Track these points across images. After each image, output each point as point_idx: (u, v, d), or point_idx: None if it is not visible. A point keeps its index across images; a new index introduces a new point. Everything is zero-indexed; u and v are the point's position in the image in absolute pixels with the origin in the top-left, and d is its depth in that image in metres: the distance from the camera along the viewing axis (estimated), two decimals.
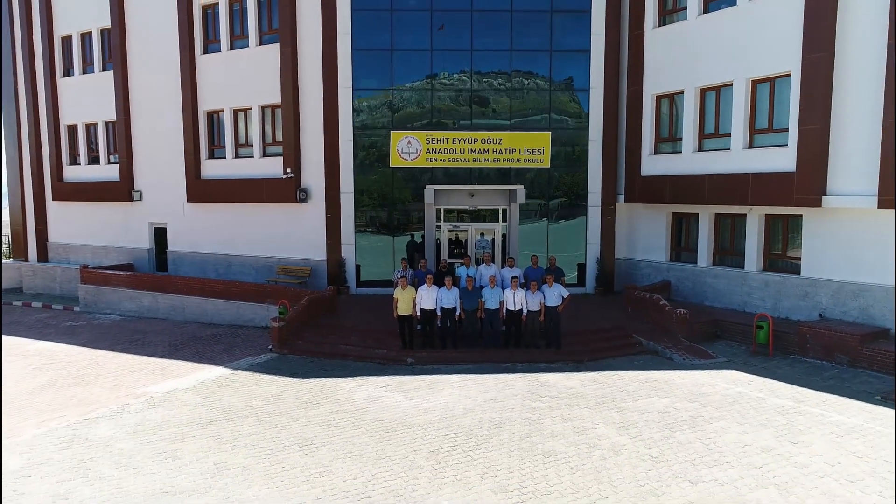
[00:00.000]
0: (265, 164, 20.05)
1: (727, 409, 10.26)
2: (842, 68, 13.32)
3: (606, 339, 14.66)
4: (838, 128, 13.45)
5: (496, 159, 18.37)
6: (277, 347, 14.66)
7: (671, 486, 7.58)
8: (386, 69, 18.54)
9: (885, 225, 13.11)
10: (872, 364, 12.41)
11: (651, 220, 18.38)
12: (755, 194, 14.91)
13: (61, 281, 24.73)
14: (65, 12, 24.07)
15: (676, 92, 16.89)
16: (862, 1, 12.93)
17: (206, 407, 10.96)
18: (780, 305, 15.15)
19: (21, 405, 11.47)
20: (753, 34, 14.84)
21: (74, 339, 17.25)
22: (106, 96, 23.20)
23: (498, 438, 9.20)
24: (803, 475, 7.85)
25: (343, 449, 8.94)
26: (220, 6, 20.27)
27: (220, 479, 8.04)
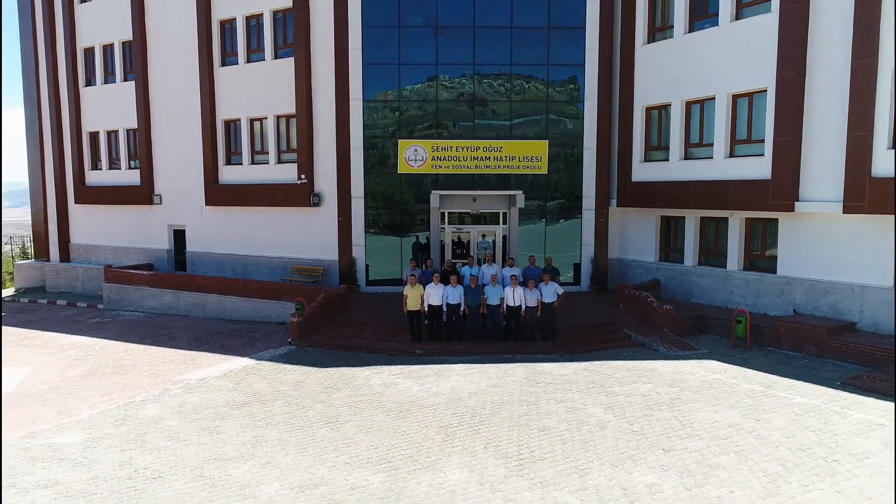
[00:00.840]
0: (280, 171, 21.35)
1: (703, 393, 11.55)
2: (812, 86, 14.62)
3: (599, 333, 15.97)
4: (809, 140, 14.75)
5: (497, 166, 19.66)
6: (296, 340, 15.96)
7: (647, 454, 8.87)
8: (394, 82, 19.83)
9: (850, 228, 14.40)
10: (839, 354, 13.68)
11: (642, 223, 19.67)
12: (735, 200, 16.22)
13: (83, 280, 26.04)
14: (88, 25, 25.38)
15: (664, 104, 18.18)
16: (828, 25, 14.22)
17: (238, 392, 12.26)
18: (759, 302, 16.45)
19: (71, 390, 12.77)
20: (734, 53, 16.14)
21: (104, 333, 18.55)
22: (127, 105, 24.50)
23: (499, 416, 10.50)
24: (761, 445, 9.14)
25: (364, 425, 10.23)
26: (238, 22, 21.57)
27: (260, 449, 9.33)
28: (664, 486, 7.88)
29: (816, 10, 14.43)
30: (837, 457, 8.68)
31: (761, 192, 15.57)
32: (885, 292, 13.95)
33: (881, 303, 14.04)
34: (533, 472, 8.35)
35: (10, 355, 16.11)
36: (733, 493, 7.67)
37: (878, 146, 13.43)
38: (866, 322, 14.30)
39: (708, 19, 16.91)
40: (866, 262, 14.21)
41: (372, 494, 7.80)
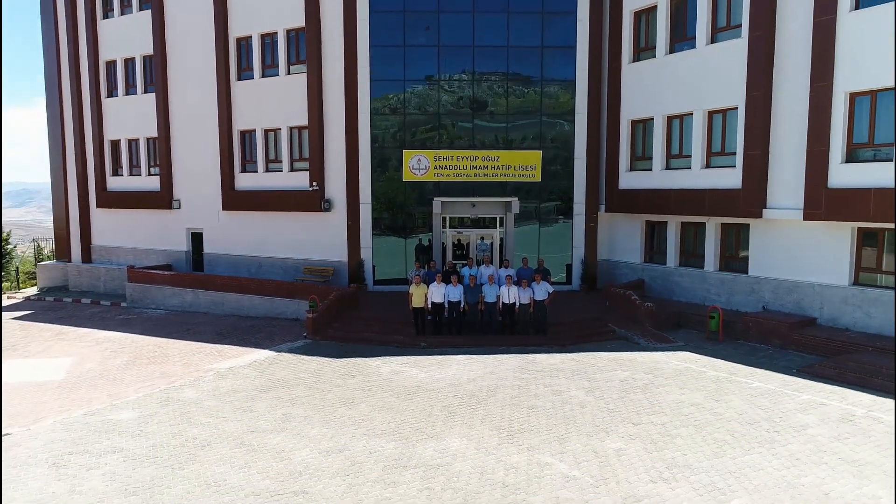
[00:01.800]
0: (293, 178, 22.96)
1: (673, 379, 13.16)
2: (777, 105, 16.23)
3: (586, 328, 17.58)
4: (774, 153, 16.36)
5: (494, 174, 21.26)
6: (311, 334, 17.57)
7: (618, 426, 10.47)
8: (399, 96, 21.45)
9: (811, 233, 16.00)
10: (799, 346, 15.28)
11: (628, 227, 21.27)
12: (711, 206, 17.83)
13: (105, 280, 27.68)
14: (110, 40, 26.98)
15: (648, 118, 19.78)
16: (791, 52, 15.81)
17: (263, 378, 13.87)
18: (733, 299, 18.05)
19: (115, 377, 14.38)
20: (709, 73, 17.74)
21: (132, 329, 20.16)
22: (147, 115, 26.12)
23: (494, 398, 12.10)
24: (717, 420, 10.74)
25: (377, 405, 11.84)
26: (254, 39, 23.18)
27: (290, 424, 10.93)
28: (629, 450, 9.48)
29: (781, 37, 16.04)
30: (779, 429, 10.27)
31: (733, 199, 17.19)
32: (841, 290, 15.55)
33: (838, 300, 15.64)
34: (521, 440, 9.95)
35: (51, 348, 17.73)
36: (686, 455, 9.27)
37: (833, 160, 15.03)
38: (825, 317, 15.91)
39: (686, 42, 18.51)
40: (825, 263, 15.82)
41: (387, 457, 9.40)
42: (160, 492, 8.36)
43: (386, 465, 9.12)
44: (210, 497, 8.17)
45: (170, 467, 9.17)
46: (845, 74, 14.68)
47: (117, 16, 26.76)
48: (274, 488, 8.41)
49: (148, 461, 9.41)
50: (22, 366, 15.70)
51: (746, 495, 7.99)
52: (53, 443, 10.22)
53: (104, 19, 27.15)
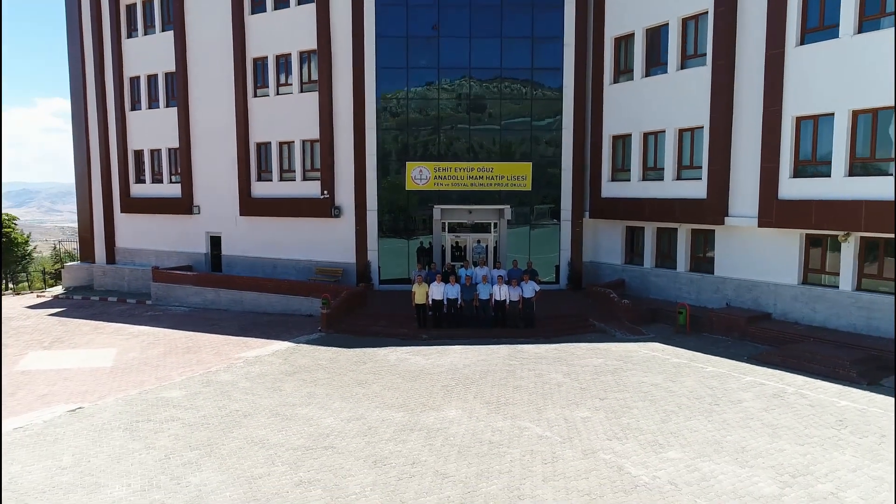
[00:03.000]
0: (305, 186, 25.14)
1: (640, 365, 15.33)
2: (737, 125, 18.41)
3: (570, 322, 19.75)
4: (734, 168, 18.55)
5: (489, 184, 23.44)
6: (325, 328, 19.73)
7: (587, 401, 12.64)
8: (403, 113, 23.62)
9: (765, 239, 18.17)
10: (755, 338, 17.44)
11: (610, 232, 23.45)
12: (681, 214, 20.01)
13: (129, 279, 29.85)
14: (134, 57, 29.15)
15: (627, 134, 21.96)
16: (747, 79, 17.99)
17: (286, 364, 16.04)
18: (701, 297, 20.23)
19: (158, 364, 16.56)
20: (679, 95, 19.92)
21: (162, 323, 22.31)
22: (169, 127, 28.28)
23: (485, 380, 14.27)
24: (670, 395, 12.91)
25: (386, 385, 14.01)
26: (269, 59, 25.35)
27: (314, 400, 13.10)
28: (593, 418, 11.66)
29: (739, 66, 18.22)
30: (719, 403, 12.45)
31: (700, 208, 19.37)
32: (791, 289, 17.74)
33: (789, 297, 17.83)
34: (506, 411, 12.13)
35: (93, 340, 19.89)
36: (639, 421, 11.44)
37: (783, 175, 17.21)
38: (778, 313, 18.10)
39: (660, 67, 20.69)
40: (778, 265, 18.01)
41: (397, 423, 11.57)
42: (217, 448, 10.53)
43: (396, 429, 11.29)
44: (258, 451, 10.34)
45: (220, 431, 11.34)
46: (792, 101, 16.86)
47: (141, 35, 28.93)
48: (308, 445, 10.58)
49: (202, 427, 11.58)
50: (75, 354, 17.87)
51: (680, 448, 10.17)
52: (121, 414, 12.39)
53: (128, 38, 29.31)
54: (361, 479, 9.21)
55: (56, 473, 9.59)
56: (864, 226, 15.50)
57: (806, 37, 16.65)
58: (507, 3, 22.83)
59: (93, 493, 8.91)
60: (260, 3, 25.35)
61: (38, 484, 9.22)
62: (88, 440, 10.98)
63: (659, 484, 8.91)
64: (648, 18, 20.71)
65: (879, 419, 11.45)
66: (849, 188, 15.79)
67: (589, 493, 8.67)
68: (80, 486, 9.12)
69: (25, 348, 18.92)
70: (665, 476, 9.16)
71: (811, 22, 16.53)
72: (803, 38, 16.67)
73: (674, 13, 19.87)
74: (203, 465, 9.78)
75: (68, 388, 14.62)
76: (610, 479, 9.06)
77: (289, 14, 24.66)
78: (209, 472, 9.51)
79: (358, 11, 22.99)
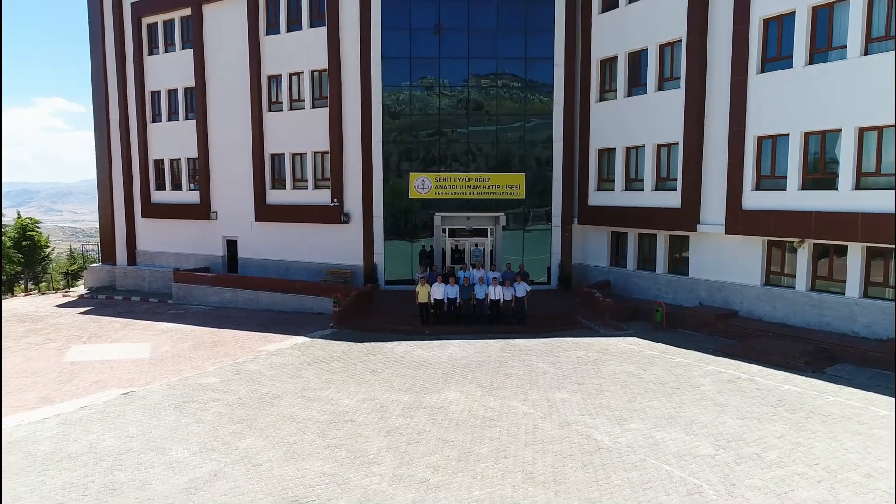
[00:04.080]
0: (316, 195, 27.23)
1: (617, 356, 17.41)
2: (707, 142, 20.49)
3: (558, 319, 21.82)
4: (705, 181, 20.63)
5: (486, 192, 25.53)
6: (337, 325, 21.81)
7: (567, 386, 14.72)
8: (407, 127, 25.71)
9: (732, 244, 20.25)
10: (723, 333, 19.48)
11: (597, 237, 25.54)
12: (659, 222, 22.10)
13: (150, 280, 31.94)
14: (155, 73, 31.25)
15: (611, 148, 24.04)
16: (716, 101, 20.09)
17: (305, 356, 18.13)
18: (678, 297, 22.31)
19: (190, 356, 18.65)
20: (657, 114, 22.00)
21: (186, 321, 24.40)
22: (188, 139, 30.37)
23: (480, 369, 16.35)
24: (639, 381, 14.98)
25: (394, 373, 16.09)
26: (283, 77, 27.46)
27: (333, 385, 15.18)
28: (571, 399, 13.74)
29: (709, 89, 20.31)
30: (680, 387, 14.54)
31: (676, 216, 21.46)
32: (755, 289, 19.83)
33: (753, 297, 19.92)
34: (497, 393, 14.22)
35: (127, 335, 21.98)
36: (609, 402, 13.52)
37: (746, 188, 19.30)
38: (744, 310, 20.18)
39: (640, 87, 22.77)
40: (744, 268, 20.10)
41: (404, 403, 13.65)
42: (255, 422, 12.61)
43: (404, 407, 13.38)
44: (290, 424, 12.42)
45: (256, 409, 13.43)
46: (754, 122, 18.95)
47: (162, 53, 31.03)
48: (331, 419, 12.67)
49: (239, 406, 13.67)
50: (114, 347, 19.96)
51: (640, 421, 12.25)
52: (168, 397, 14.47)
53: (150, 55, 31.41)
54: (377, 443, 11.31)
55: (126, 440, 11.68)
56: (814, 234, 17.61)
57: (766, 65, 18.74)
58: (502, 27, 24.93)
59: (161, 454, 11.00)
60: (274, 26, 27.45)
61: (114, 447, 11.32)
62: (146, 416, 13.07)
63: (618, 447, 11.00)
64: (630, 44, 22.80)
65: (813, 399, 13.54)
66: (802, 200, 17.89)
67: (561, 453, 10.76)
68: (150, 449, 11.21)
69: (68, 342, 21.00)
70: (624, 441, 11.25)
71: (770, 52, 18.61)
72: (763, 66, 18.76)
73: (652, 40, 21.95)
74: (246, 434, 11.88)
75: (116, 375, 16.71)
76: (579, 444, 11.16)
77: (301, 36, 26.76)
78: (253, 439, 11.61)
79: (365, 35, 25.07)
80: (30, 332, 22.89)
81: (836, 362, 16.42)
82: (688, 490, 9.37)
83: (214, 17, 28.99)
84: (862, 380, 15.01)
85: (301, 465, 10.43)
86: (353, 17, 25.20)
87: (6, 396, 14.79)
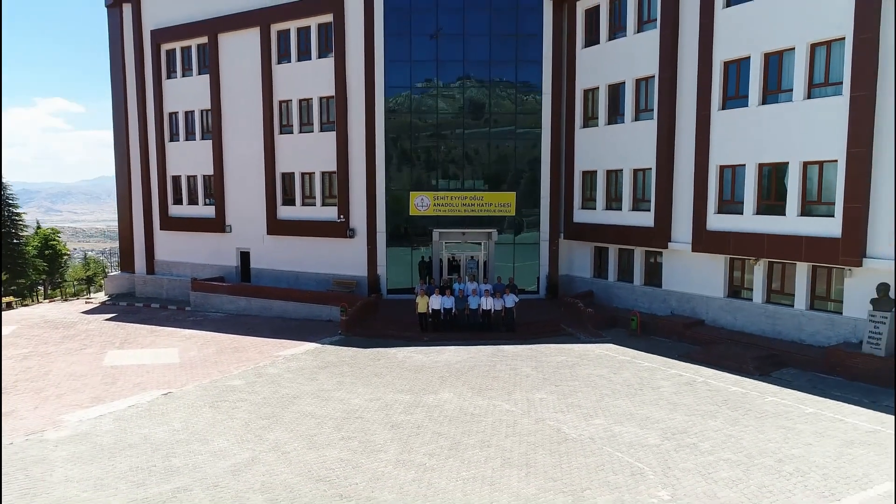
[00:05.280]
0: (324, 211, 29.58)
1: (593, 361, 19.76)
2: (677, 168, 22.84)
3: (544, 327, 24.15)
4: (675, 203, 22.98)
5: (479, 210, 27.87)
6: (344, 332, 24.16)
7: (546, 387, 17.06)
8: (408, 149, 28.07)
9: (698, 261, 22.58)
10: (690, 339, 21.78)
11: (581, 251, 27.90)
12: (635, 239, 24.47)
13: (167, 288, 34.30)
14: (173, 96, 33.61)
15: (594, 170, 26.39)
16: (684, 131, 22.45)
17: (318, 361, 20.48)
18: (653, 307, 24.66)
19: (216, 361, 20.99)
20: (633, 141, 24.35)
21: (206, 327, 26.73)
22: (204, 157, 32.72)
23: (472, 372, 18.70)
24: (608, 383, 17.31)
25: (397, 376, 18.43)
26: (293, 103, 29.82)
27: (344, 386, 17.53)
28: (548, 399, 16.09)
29: (679, 121, 22.65)
30: (643, 388, 16.88)
31: (650, 234, 23.82)
32: (719, 301, 22.19)
33: (717, 308, 22.27)
34: (485, 394, 16.57)
35: (155, 341, 24.32)
36: (581, 401, 15.87)
37: (710, 211, 21.66)
38: (710, 320, 22.53)
39: (619, 117, 25.13)
40: (709, 282, 22.45)
41: (406, 402, 15.99)
42: (280, 418, 14.96)
43: (405, 405, 15.74)
44: (309, 419, 14.77)
45: (279, 407, 15.78)
46: (716, 152, 21.31)
47: (179, 77, 33.38)
48: (343, 416, 15.02)
49: (265, 405, 16.02)
50: (146, 353, 22.31)
51: (604, 417, 14.61)
52: (202, 397, 16.83)
53: (168, 79, 33.75)
54: (384, 435, 13.67)
55: (174, 433, 14.05)
56: (767, 253, 19.97)
57: (726, 103, 21.09)
58: (495, 60, 27.31)
59: (205, 444, 13.37)
60: (285, 55, 29.82)
61: (166, 438, 13.68)
62: (187, 413, 15.44)
63: (582, 438, 13.36)
64: (610, 77, 25.16)
65: (753, 399, 15.90)
66: (756, 224, 20.26)
67: (534, 443, 13.12)
68: (195, 440, 13.58)
69: (102, 348, 23.35)
70: (587, 434, 13.61)
71: (730, 91, 20.97)
72: (724, 103, 21.12)
73: (629, 74, 24.31)
74: (273, 428, 14.25)
75: (153, 378, 19.06)
76: (549, 436, 13.52)
77: (310, 65, 29.12)
78: (279, 432, 13.97)
79: (370, 65, 27.42)
80: (65, 339, 25.23)
81: (782, 367, 18.76)
82: (632, 472, 11.73)
83: (229, 46, 31.33)
84: (801, 382, 17.37)
85: (321, 453, 12.80)
86: (359, 51, 27.55)
87: (63, 396, 17.17)
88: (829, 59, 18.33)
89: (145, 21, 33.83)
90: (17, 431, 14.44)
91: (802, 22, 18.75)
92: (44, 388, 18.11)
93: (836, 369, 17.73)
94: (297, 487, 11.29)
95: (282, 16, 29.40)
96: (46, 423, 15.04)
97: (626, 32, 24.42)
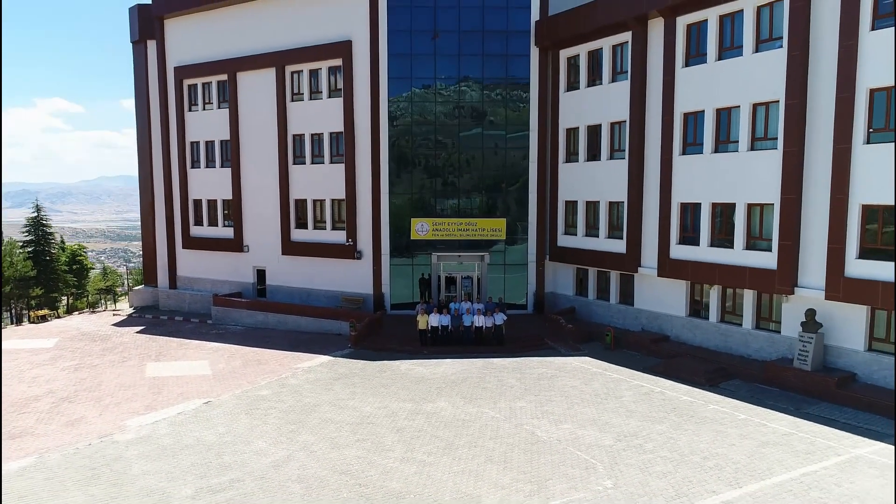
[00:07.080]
0: (334, 235, 32.81)
1: (569, 373, 22.95)
2: (645, 202, 26.07)
3: (530, 342, 27.37)
4: (644, 233, 26.21)
5: (473, 234, 31.10)
6: (353, 345, 27.38)
7: (527, 396, 20.26)
8: (408, 178, 31.30)
9: (663, 284, 25.80)
10: (656, 354, 24.98)
11: (565, 271, 31.13)
12: (610, 263, 27.72)
13: (189, 302, 37.51)
14: (194, 127, 36.82)
15: (575, 200, 29.63)
16: (651, 169, 25.67)
17: (332, 373, 23.69)
18: (626, 323, 27.88)
19: (242, 373, 24.19)
20: (609, 177, 27.58)
21: (229, 340, 29.92)
22: (224, 183, 35.93)
23: (464, 383, 21.90)
24: (580, 393, 20.51)
25: (400, 387, 21.63)
26: (306, 137, 33.06)
27: (356, 396, 20.73)
28: (528, 406, 19.31)
29: (647, 162, 25.89)
30: (608, 398, 20.09)
31: (622, 260, 27.06)
32: (681, 319, 25.42)
33: (680, 325, 25.51)
34: (475, 402, 19.78)
35: (186, 353, 27.52)
36: (554, 408, 19.07)
37: (672, 241, 24.90)
38: (674, 336, 25.76)
39: (597, 153, 28.37)
40: (673, 302, 25.69)
41: (408, 410, 19.20)
42: (305, 423, 18.17)
43: (408, 412, 18.96)
44: (330, 425, 17.98)
45: (304, 413, 19.00)
46: (679, 190, 24.55)
47: (201, 110, 36.60)
48: (357, 421, 18.23)
49: (291, 412, 19.24)
50: (181, 365, 25.52)
51: (571, 423, 17.83)
52: (238, 405, 20.04)
53: (189, 111, 36.97)
54: (391, 438, 16.90)
55: (220, 436, 17.27)
56: (718, 280, 23.22)
57: (686, 149, 24.34)
58: (487, 100, 30.55)
59: (247, 444, 16.59)
60: (298, 94, 33.06)
61: (214, 441, 16.91)
62: (227, 419, 18.67)
63: (551, 440, 16.59)
64: (589, 119, 28.40)
65: (698, 407, 19.12)
66: (710, 254, 23.50)
67: (512, 444, 16.34)
68: (239, 441, 16.80)
69: (141, 360, 26.55)
70: (556, 436, 16.84)
71: (689, 139, 24.22)
72: (684, 149, 24.37)
73: (605, 118, 27.56)
74: (301, 432, 17.48)
75: (192, 388, 22.26)
76: (525, 438, 16.74)
77: (321, 104, 32.36)
78: (306, 435, 17.20)
79: (375, 106, 30.65)
80: (105, 351, 28.42)
81: (730, 378, 21.98)
82: (586, 466, 14.96)
83: (247, 83, 34.54)
84: (742, 392, 20.59)
85: (342, 452, 16.03)
86: (365, 92, 30.79)
87: (121, 405, 20.39)
88: (768, 118, 21.57)
89: (169, 58, 37.03)
90: (91, 435, 17.67)
91: (746, 84, 22.00)
92: (101, 397, 21.31)
93: (773, 381, 20.96)
94: (325, 478, 14.53)
95: (295, 58, 32.63)
96: (113, 427, 18.25)
97: (602, 81, 27.68)
